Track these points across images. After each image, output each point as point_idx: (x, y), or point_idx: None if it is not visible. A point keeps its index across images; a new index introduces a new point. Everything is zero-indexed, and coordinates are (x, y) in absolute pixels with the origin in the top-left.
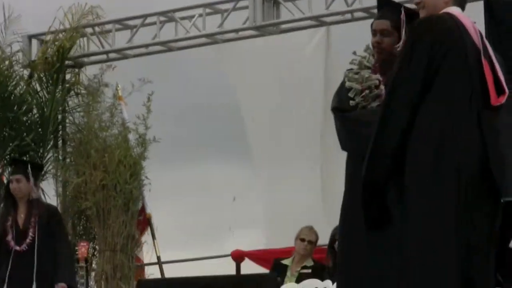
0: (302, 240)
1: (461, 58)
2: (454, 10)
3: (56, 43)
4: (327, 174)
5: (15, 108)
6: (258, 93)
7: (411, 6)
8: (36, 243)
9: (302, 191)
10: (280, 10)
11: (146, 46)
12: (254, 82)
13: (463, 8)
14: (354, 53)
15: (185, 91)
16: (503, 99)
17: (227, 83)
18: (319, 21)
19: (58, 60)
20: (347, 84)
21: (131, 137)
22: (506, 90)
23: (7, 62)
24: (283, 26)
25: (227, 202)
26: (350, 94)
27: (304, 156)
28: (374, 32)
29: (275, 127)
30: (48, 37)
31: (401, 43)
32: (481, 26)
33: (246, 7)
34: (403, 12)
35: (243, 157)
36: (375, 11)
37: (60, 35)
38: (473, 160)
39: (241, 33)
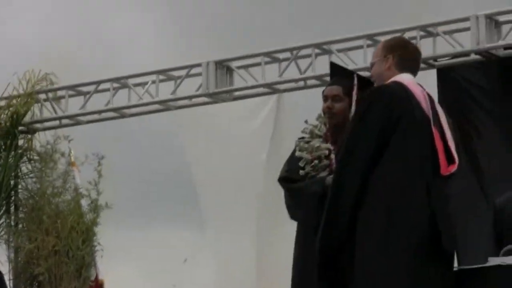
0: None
1: (411, 126)
2: (404, 77)
3: (11, 108)
4: (263, 244)
5: None
6: (207, 158)
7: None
8: None
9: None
10: (233, 77)
11: (99, 112)
12: (204, 147)
13: (414, 73)
14: (306, 121)
15: (138, 157)
16: (453, 168)
17: (178, 149)
18: (272, 88)
19: (12, 125)
20: (297, 153)
21: (84, 202)
22: (456, 160)
23: None
24: (236, 93)
25: (178, 265)
26: (301, 164)
27: (245, 223)
28: (326, 98)
29: (223, 193)
30: (2, 103)
31: (352, 109)
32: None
33: (199, 74)
34: (355, 78)
35: (194, 220)
36: (328, 78)
37: (14, 101)
38: (423, 227)
39: (194, 100)
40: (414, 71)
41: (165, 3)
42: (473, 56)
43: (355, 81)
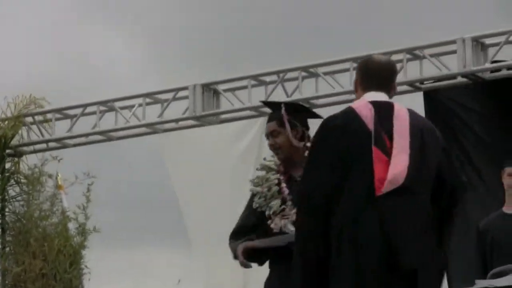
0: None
1: (357, 154)
2: (364, 97)
3: (8, 131)
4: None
5: None
6: (193, 181)
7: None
8: None
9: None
10: (220, 100)
11: (86, 135)
12: (189, 170)
13: (381, 88)
14: (264, 159)
15: (125, 179)
16: (389, 186)
17: (165, 171)
18: (258, 111)
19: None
20: (250, 189)
21: (71, 226)
22: (399, 180)
23: None
24: (223, 116)
25: (170, 286)
26: (255, 198)
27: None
28: (267, 136)
29: (208, 215)
30: (4, 125)
31: (291, 136)
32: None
33: (186, 97)
34: (282, 108)
35: (181, 242)
36: (314, 101)
37: (1, 124)
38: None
39: (181, 123)
40: (381, 86)
41: (151, 28)
42: (460, 79)
43: (283, 110)
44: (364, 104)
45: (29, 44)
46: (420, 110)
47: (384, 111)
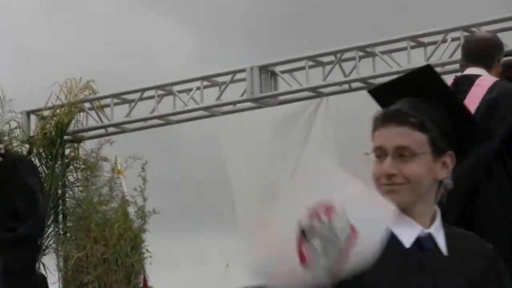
0: None
1: None
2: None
3: (55, 118)
4: None
5: None
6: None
7: None
8: None
9: None
10: (277, 81)
11: (145, 120)
12: (245, 153)
13: (482, 64)
14: None
15: (182, 164)
16: None
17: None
18: (316, 92)
19: (57, 135)
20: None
21: (131, 210)
22: None
23: (5, 139)
24: (281, 97)
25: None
26: None
27: None
28: None
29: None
30: (46, 113)
31: None
32: None
33: (243, 79)
34: None
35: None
36: (372, 80)
37: (58, 110)
38: None
39: (239, 105)
40: (478, 62)
41: (205, 10)
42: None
43: None
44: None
45: (84, 34)
46: None
47: (464, 83)
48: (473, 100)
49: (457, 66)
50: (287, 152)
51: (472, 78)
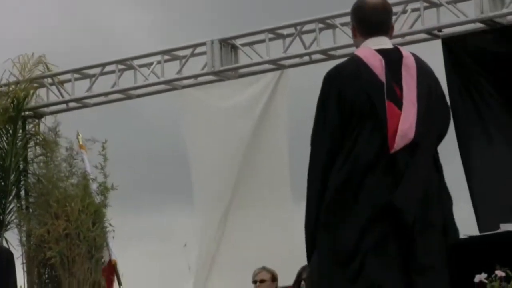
0: (254, 282)
1: (366, 107)
2: (366, 45)
3: (10, 94)
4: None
5: None
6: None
7: None
8: None
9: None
10: (238, 54)
11: (105, 94)
12: (205, 128)
13: (381, 33)
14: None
15: (143, 139)
16: (401, 142)
17: (179, 130)
18: (277, 65)
19: (14, 111)
20: None
21: (92, 186)
22: (409, 135)
23: None
24: (241, 70)
25: (181, 248)
26: None
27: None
28: None
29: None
30: (7, 88)
31: None
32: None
33: (204, 53)
34: None
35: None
36: (333, 52)
37: (14, 86)
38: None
39: (200, 79)
40: (378, 31)
41: None
42: (478, 25)
43: None
44: (370, 53)
45: (42, 10)
46: (439, 58)
47: (392, 60)
48: None
49: (416, 36)
50: (246, 129)
51: (393, 53)
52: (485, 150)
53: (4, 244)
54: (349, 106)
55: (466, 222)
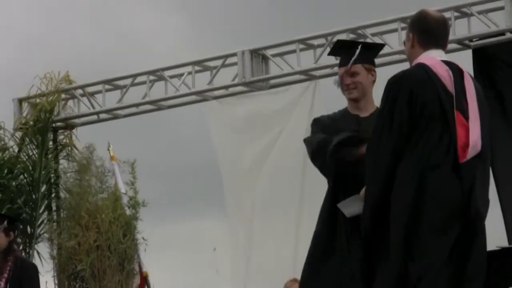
0: None
1: (436, 111)
2: (429, 55)
3: (38, 106)
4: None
5: (4, 173)
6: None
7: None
8: None
9: (284, 244)
10: (269, 65)
11: (136, 105)
12: (235, 137)
13: (441, 46)
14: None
15: (173, 149)
16: (470, 152)
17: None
18: (308, 75)
19: (42, 122)
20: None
21: (123, 198)
22: (478, 146)
23: None
24: (272, 81)
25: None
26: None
27: (281, 209)
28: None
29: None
30: (34, 101)
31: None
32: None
33: (235, 64)
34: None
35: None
36: None
37: (41, 98)
38: (452, 209)
39: (230, 90)
40: (439, 43)
41: None
42: (508, 35)
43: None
44: (438, 62)
45: (73, 20)
46: (469, 68)
47: (455, 73)
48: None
49: (451, 46)
50: (277, 139)
51: (455, 66)
52: None
53: (36, 256)
54: (420, 107)
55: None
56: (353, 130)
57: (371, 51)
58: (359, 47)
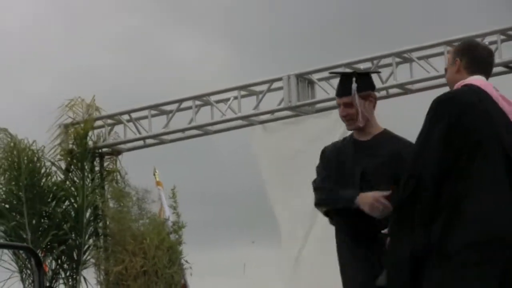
0: None
1: (486, 130)
2: (477, 79)
3: (83, 132)
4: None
5: (50, 199)
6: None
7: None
8: None
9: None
10: (315, 89)
11: (182, 130)
12: (281, 161)
13: (486, 75)
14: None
15: (219, 174)
16: None
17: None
18: None
19: (79, 148)
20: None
21: (167, 223)
22: None
23: (35, 158)
24: (318, 105)
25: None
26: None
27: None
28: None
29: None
30: (79, 126)
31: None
32: None
33: (281, 88)
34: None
35: (273, 237)
36: (410, 86)
37: (89, 124)
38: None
39: (277, 114)
40: (486, 73)
41: (241, 19)
42: None
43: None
44: (486, 83)
45: (119, 47)
46: None
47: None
48: None
49: (496, 69)
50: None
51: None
52: None
53: (82, 282)
54: (465, 131)
55: None
56: (351, 155)
57: (364, 79)
58: (353, 78)
